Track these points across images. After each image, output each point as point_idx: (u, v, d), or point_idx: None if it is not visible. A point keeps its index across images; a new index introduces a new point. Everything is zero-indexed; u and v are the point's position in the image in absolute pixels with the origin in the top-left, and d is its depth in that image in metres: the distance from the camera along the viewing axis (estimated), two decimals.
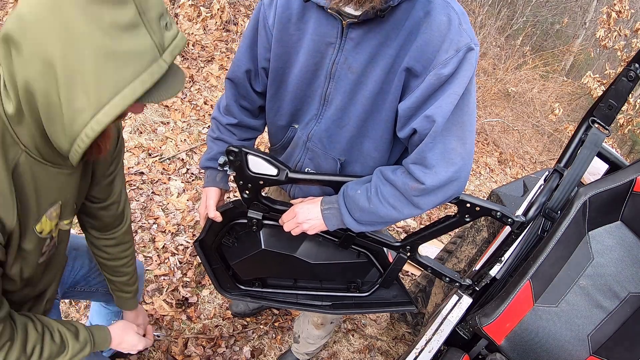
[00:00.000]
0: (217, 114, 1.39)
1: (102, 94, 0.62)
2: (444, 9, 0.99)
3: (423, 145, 1.05)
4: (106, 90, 0.62)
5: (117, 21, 0.60)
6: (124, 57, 0.62)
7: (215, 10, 3.34)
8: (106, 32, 0.60)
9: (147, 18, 0.63)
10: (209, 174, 1.41)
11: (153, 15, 0.64)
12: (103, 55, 0.61)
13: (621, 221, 1.45)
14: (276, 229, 1.38)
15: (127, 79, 0.62)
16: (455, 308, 1.48)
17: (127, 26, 0.61)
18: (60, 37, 0.59)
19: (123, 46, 0.61)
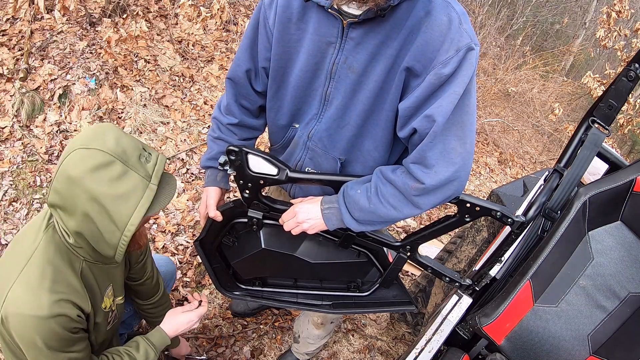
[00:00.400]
0: (217, 113, 1.39)
1: (122, 220, 0.98)
2: (444, 8, 0.99)
3: (423, 144, 1.05)
4: (123, 218, 0.97)
5: (111, 176, 0.94)
6: (125, 195, 0.96)
7: (215, 10, 3.33)
8: (109, 185, 0.94)
9: (130, 164, 0.97)
10: (209, 173, 1.41)
11: (134, 159, 0.97)
12: (112, 199, 0.95)
13: (621, 221, 1.44)
14: (276, 228, 1.38)
15: (132, 207, 0.97)
16: (455, 308, 1.48)
17: (119, 176, 0.95)
18: (85, 196, 0.94)
19: (121, 189, 0.95)
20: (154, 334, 1.39)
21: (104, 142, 0.95)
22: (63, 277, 1.05)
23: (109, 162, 0.94)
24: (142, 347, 1.33)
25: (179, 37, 3.89)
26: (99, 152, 0.94)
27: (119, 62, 3.31)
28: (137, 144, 1.00)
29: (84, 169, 0.93)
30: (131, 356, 1.29)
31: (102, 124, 1.03)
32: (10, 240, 2.26)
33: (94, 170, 0.93)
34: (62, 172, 0.95)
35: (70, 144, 0.97)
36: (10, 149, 2.62)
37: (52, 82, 2.96)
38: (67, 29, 3.29)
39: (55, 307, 1.01)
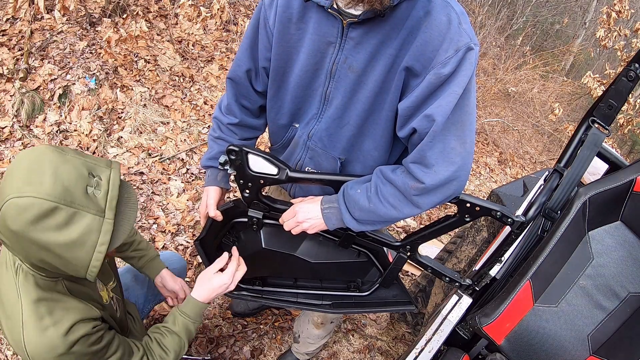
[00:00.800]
0: (218, 113, 1.39)
1: (83, 265, 0.90)
2: (444, 8, 0.99)
3: (423, 144, 1.05)
4: (84, 263, 0.89)
5: (58, 223, 0.83)
6: (80, 240, 0.86)
7: (215, 10, 3.33)
8: (58, 234, 0.83)
9: (77, 203, 0.84)
10: (209, 173, 1.42)
11: (79, 196, 0.85)
12: (66, 247, 0.85)
13: (621, 221, 1.44)
14: (276, 228, 1.38)
15: (90, 251, 0.88)
16: (455, 308, 1.48)
17: (67, 221, 0.83)
18: (36, 247, 0.85)
19: (73, 234, 0.85)
20: (187, 304, 1.32)
21: (40, 185, 0.81)
22: (57, 306, 1.01)
23: (51, 209, 0.81)
24: (179, 320, 1.30)
25: (179, 37, 3.89)
26: (36, 201, 0.80)
27: (119, 62, 3.31)
28: (80, 172, 0.86)
29: (24, 222, 0.81)
30: (170, 331, 1.28)
31: (36, 150, 0.87)
32: None
33: (35, 222, 0.81)
34: (2, 224, 0.83)
35: (3, 187, 0.83)
36: (10, 149, 2.62)
37: (52, 82, 2.96)
38: (67, 29, 3.29)
39: (69, 337, 0.99)
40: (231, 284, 1.34)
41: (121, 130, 3.00)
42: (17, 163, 0.86)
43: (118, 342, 1.15)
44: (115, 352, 1.12)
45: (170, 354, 1.25)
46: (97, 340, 1.07)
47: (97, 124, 2.93)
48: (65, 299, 1.04)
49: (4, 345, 1.93)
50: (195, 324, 1.33)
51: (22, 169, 0.84)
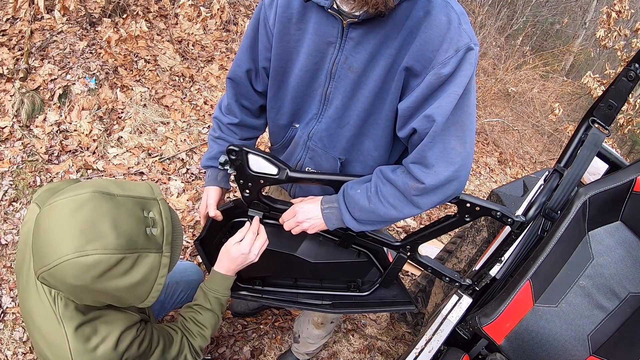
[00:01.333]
0: (218, 113, 1.39)
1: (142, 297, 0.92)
2: (443, 8, 0.99)
3: (423, 144, 1.05)
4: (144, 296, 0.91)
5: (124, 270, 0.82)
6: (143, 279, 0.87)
7: (215, 10, 3.33)
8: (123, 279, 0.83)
9: (140, 247, 0.84)
10: (209, 173, 1.42)
11: (141, 240, 0.84)
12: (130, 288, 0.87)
13: (621, 221, 1.44)
14: (276, 228, 1.38)
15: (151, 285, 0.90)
16: (455, 308, 1.48)
17: (132, 266, 0.83)
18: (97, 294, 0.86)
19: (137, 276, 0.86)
20: (212, 279, 1.31)
21: (104, 240, 0.79)
22: (100, 323, 1.00)
23: (118, 260, 0.80)
24: (210, 295, 1.30)
25: (179, 37, 3.89)
26: (103, 257, 0.78)
27: (119, 62, 3.31)
28: (137, 215, 0.85)
29: (90, 278, 0.80)
30: (204, 308, 1.29)
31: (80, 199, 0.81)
32: (10, 240, 2.26)
33: (102, 275, 0.80)
34: (58, 278, 0.80)
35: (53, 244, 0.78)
36: (10, 149, 2.62)
37: (52, 82, 2.96)
38: (67, 29, 3.29)
39: (119, 349, 0.99)
40: (250, 253, 1.27)
41: (121, 130, 3.00)
42: (62, 215, 0.80)
43: (157, 333, 1.17)
44: (159, 344, 1.15)
45: (207, 329, 1.28)
46: (142, 341, 1.09)
47: (97, 124, 2.93)
48: (106, 313, 1.02)
49: (4, 345, 1.94)
50: (225, 297, 1.33)
51: (73, 224, 0.79)
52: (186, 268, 1.76)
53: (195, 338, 1.27)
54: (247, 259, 1.29)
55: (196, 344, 1.26)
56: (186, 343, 1.24)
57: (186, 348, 1.23)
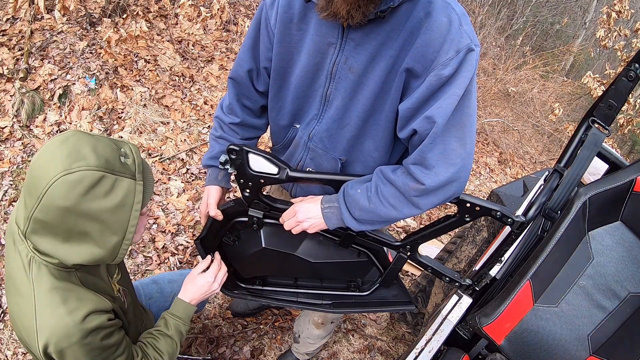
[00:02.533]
0: (219, 112, 1.39)
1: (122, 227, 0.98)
2: (444, 9, 0.99)
3: (423, 146, 1.05)
4: (123, 225, 0.98)
5: (105, 190, 0.92)
6: (121, 202, 0.95)
7: (215, 10, 3.33)
8: (105, 200, 0.92)
9: (117, 170, 0.94)
10: (210, 172, 1.42)
11: (117, 164, 0.95)
12: (111, 212, 0.94)
13: (621, 221, 1.45)
14: (277, 227, 1.38)
15: (128, 211, 0.97)
16: (455, 308, 1.48)
17: (111, 188, 0.93)
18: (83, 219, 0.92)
19: (117, 199, 0.94)
20: (176, 307, 1.36)
21: (86, 159, 0.90)
22: (71, 295, 1.03)
23: (99, 178, 0.90)
24: (170, 323, 1.33)
25: (179, 37, 3.89)
26: (87, 173, 0.89)
27: (119, 62, 3.31)
28: (112, 146, 0.97)
29: (76, 194, 0.89)
30: (163, 334, 1.31)
31: (65, 135, 0.94)
32: None
33: (87, 192, 0.89)
34: (48, 204, 0.89)
35: (46, 171, 0.89)
36: (10, 149, 2.62)
37: (52, 82, 2.96)
38: (67, 29, 3.29)
39: (84, 326, 1.00)
40: (214, 282, 1.38)
41: (121, 130, 3.01)
42: (51, 148, 0.92)
43: (125, 344, 1.16)
44: (122, 354, 1.13)
45: (164, 356, 1.27)
46: (109, 334, 1.08)
47: (97, 124, 2.93)
48: (79, 289, 1.05)
49: (4, 345, 1.94)
50: (186, 327, 1.35)
51: (61, 151, 0.90)
52: None
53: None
54: (211, 288, 1.38)
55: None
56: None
57: None
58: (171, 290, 1.68)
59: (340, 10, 0.97)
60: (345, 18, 0.99)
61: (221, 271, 1.42)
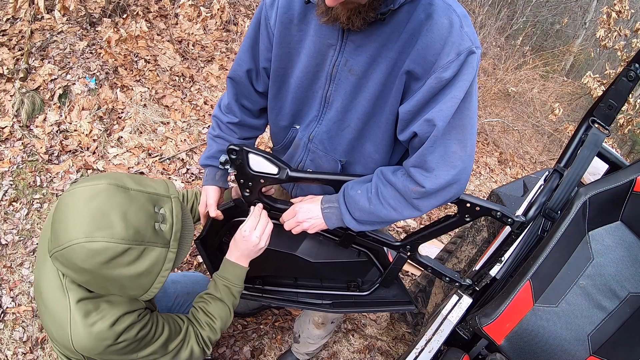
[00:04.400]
0: (218, 112, 1.39)
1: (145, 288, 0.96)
2: (445, 11, 0.99)
3: (423, 148, 1.05)
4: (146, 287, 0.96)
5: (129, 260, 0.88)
6: (147, 271, 0.92)
7: (215, 10, 3.33)
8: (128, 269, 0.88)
9: (147, 241, 0.89)
10: (208, 172, 1.41)
11: (149, 234, 0.90)
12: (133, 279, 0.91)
13: (621, 221, 1.44)
14: (277, 227, 1.38)
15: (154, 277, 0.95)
16: (455, 308, 1.48)
17: (137, 258, 0.89)
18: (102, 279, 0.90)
19: (141, 267, 0.91)
20: (224, 267, 1.32)
21: (112, 229, 0.85)
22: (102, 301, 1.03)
23: (124, 250, 0.86)
24: (219, 284, 1.30)
25: (179, 37, 3.89)
26: (110, 245, 0.85)
27: (119, 62, 3.31)
28: (147, 211, 0.91)
29: (96, 263, 0.86)
30: (214, 297, 1.28)
31: (96, 189, 0.88)
32: (10, 240, 2.26)
33: (108, 262, 0.86)
34: (68, 262, 0.87)
35: (65, 227, 0.86)
36: (10, 149, 2.62)
37: (52, 82, 2.96)
38: (67, 29, 3.29)
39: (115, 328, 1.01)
40: (260, 242, 1.29)
41: (121, 130, 3.00)
42: (78, 204, 0.87)
43: (162, 321, 1.16)
44: (163, 332, 1.14)
45: (216, 321, 1.25)
46: (143, 327, 1.08)
47: (97, 124, 2.93)
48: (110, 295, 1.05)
49: (4, 345, 1.94)
50: (237, 288, 1.31)
51: (87, 211, 0.86)
52: (198, 280, 1.78)
53: (204, 328, 1.24)
54: (250, 243, 1.28)
55: (204, 334, 1.23)
56: (192, 332, 1.22)
57: (192, 338, 1.21)
58: (174, 291, 1.68)
59: (341, 16, 0.97)
60: (345, 23, 0.99)
61: (260, 224, 1.30)
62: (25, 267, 2.20)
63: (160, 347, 1.13)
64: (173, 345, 1.16)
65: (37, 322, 2.04)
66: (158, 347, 1.13)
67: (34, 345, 1.97)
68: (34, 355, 1.95)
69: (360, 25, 0.99)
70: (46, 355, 1.96)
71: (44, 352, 1.97)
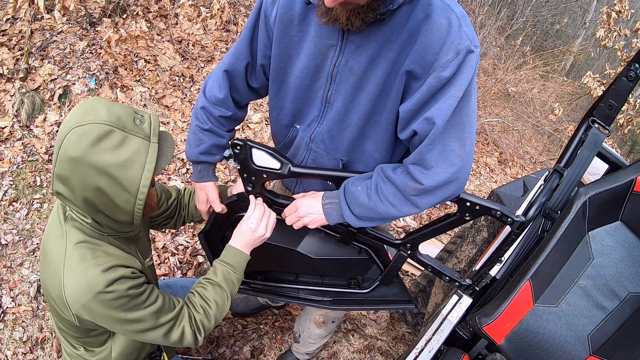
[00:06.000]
0: (206, 103, 1.32)
1: (133, 185, 1.00)
2: (443, 11, 0.99)
3: (422, 146, 1.06)
4: (134, 183, 1.00)
5: (113, 145, 0.96)
6: (131, 159, 0.98)
7: (215, 10, 3.33)
8: (112, 154, 0.96)
9: (128, 129, 0.98)
10: (202, 168, 1.37)
11: (129, 124, 0.99)
12: (119, 167, 0.97)
13: (621, 221, 1.44)
14: (279, 223, 1.39)
15: (139, 170, 1.00)
16: (455, 308, 1.48)
17: (120, 143, 0.97)
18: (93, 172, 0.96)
19: (125, 155, 0.97)
20: (225, 253, 1.32)
21: (97, 115, 0.95)
22: (100, 250, 1.07)
23: (107, 131, 0.95)
24: (218, 270, 1.29)
25: (179, 37, 3.89)
26: (94, 125, 0.94)
27: (119, 62, 3.31)
28: (128, 110, 1.01)
29: (84, 145, 0.94)
30: (212, 282, 1.27)
31: (89, 99, 1.03)
32: (10, 240, 2.27)
33: (94, 144, 0.94)
34: (62, 156, 0.95)
35: (63, 127, 0.97)
36: (10, 149, 2.62)
37: (52, 82, 2.96)
38: (67, 29, 3.29)
39: (108, 275, 1.03)
40: (258, 228, 1.29)
41: None
42: (74, 110, 1.00)
43: (158, 293, 1.16)
44: (155, 302, 1.13)
45: (211, 305, 1.23)
46: (136, 286, 1.09)
47: None
48: (108, 246, 1.10)
49: (4, 345, 1.94)
50: (236, 274, 1.30)
51: (79, 109, 0.98)
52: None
53: (198, 311, 1.22)
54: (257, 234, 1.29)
55: (198, 317, 1.21)
56: (186, 313, 1.20)
57: (185, 318, 1.18)
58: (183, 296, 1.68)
59: (340, 16, 0.98)
60: (345, 24, 1.00)
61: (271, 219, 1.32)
62: (25, 267, 2.20)
63: (151, 315, 1.11)
64: (164, 319, 1.14)
65: (37, 322, 2.04)
66: (148, 314, 1.10)
67: (34, 345, 1.97)
68: (34, 355, 1.95)
69: (359, 25, 0.99)
70: (46, 355, 1.96)
71: (44, 352, 1.97)
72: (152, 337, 1.14)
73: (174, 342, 1.17)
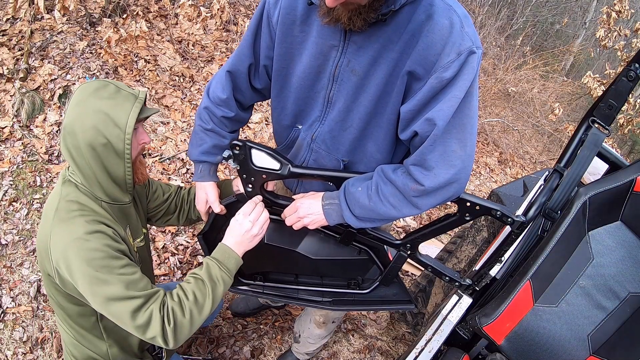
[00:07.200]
0: (209, 104, 1.33)
1: (122, 121, 1.14)
2: (445, 12, 0.99)
3: (423, 147, 1.06)
4: (123, 119, 1.14)
5: (109, 93, 1.15)
6: (121, 103, 1.15)
7: (215, 10, 3.33)
8: (108, 99, 1.14)
9: (121, 87, 1.17)
10: (203, 167, 1.38)
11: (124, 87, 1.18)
12: (112, 107, 1.14)
13: (621, 221, 1.44)
14: (279, 223, 1.39)
15: (128, 110, 1.15)
16: (455, 308, 1.48)
17: (115, 92, 1.16)
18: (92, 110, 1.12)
19: (118, 100, 1.15)
20: (216, 250, 1.30)
21: (99, 79, 1.18)
22: (89, 208, 1.18)
23: (105, 84, 1.16)
24: (204, 264, 1.27)
25: (179, 37, 3.89)
26: (96, 82, 1.17)
27: (119, 62, 3.31)
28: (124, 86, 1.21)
29: (87, 93, 1.14)
30: (195, 275, 1.25)
31: None
32: (10, 240, 2.27)
33: (95, 92, 1.14)
34: (71, 104, 1.14)
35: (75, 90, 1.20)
36: (10, 149, 2.62)
37: (52, 82, 2.96)
38: (67, 29, 3.29)
39: (89, 226, 1.12)
40: (252, 228, 1.29)
41: None
42: None
43: (137, 270, 1.18)
44: (130, 275, 1.13)
45: (189, 296, 1.19)
46: (113, 247, 1.15)
47: None
48: (98, 209, 1.20)
49: (4, 345, 1.94)
50: (222, 272, 1.26)
51: None
52: None
53: (173, 299, 1.18)
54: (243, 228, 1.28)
55: (171, 304, 1.16)
56: (160, 298, 1.16)
57: (157, 302, 1.14)
58: None
59: (342, 16, 0.98)
60: (346, 24, 1.00)
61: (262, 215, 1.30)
62: (25, 267, 2.20)
63: (121, 282, 1.10)
64: (134, 293, 1.11)
65: (37, 322, 2.04)
66: (118, 280, 1.10)
67: (34, 345, 1.97)
68: (34, 355, 1.95)
69: (361, 26, 0.99)
70: (46, 355, 1.96)
71: (44, 352, 1.97)
72: (118, 311, 1.11)
73: (140, 325, 1.12)
